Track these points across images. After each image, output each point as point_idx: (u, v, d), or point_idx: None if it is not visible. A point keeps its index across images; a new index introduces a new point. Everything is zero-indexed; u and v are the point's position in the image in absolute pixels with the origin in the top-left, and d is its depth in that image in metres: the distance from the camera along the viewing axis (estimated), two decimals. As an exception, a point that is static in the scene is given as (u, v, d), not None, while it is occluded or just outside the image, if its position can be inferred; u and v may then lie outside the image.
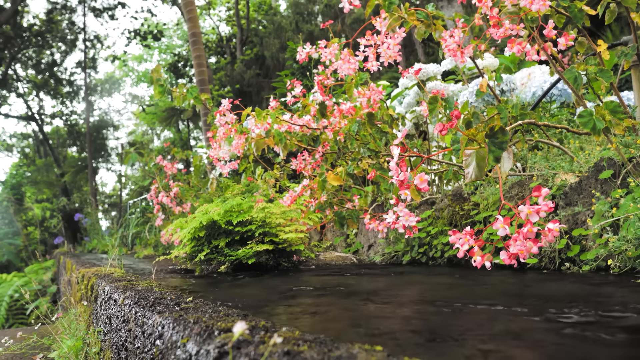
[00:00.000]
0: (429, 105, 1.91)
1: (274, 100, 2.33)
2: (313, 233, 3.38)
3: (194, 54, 6.95)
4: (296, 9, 15.57)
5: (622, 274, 1.39)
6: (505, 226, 1.04)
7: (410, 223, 1.25)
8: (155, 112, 16.34)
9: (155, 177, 4.30)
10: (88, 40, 17.07)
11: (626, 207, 1.42)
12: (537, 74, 3.08)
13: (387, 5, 1.77)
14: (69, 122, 18.79)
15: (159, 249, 4.70)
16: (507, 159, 1.12)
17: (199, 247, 2.17)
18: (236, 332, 0.56)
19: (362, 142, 2.34)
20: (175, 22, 22.83)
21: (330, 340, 0.64)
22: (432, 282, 1.53)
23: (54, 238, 11.01)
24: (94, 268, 2.45)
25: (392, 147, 1.17)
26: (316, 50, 2.13)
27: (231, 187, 3.25)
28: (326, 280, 1.68)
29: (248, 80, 14.69)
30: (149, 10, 17.10)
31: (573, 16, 1.62)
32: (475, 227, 1.97)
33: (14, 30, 14.56)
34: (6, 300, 6.82)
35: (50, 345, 2.06)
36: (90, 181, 14.22)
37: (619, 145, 1.67)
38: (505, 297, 1.16)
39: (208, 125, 6.50)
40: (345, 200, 2.26)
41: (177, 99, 2.62)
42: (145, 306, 1.07)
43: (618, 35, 6.48)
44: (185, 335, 0.78)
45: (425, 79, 3.24)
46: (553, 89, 2.76)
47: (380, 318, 0.96)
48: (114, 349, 1.31)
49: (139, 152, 12.57)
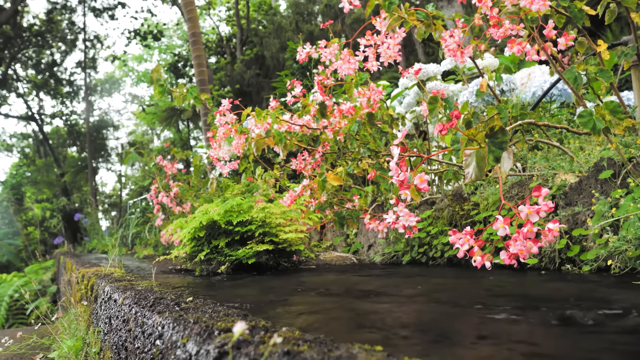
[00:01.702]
0: (429, 105, 1.91)
1: (274, 100, 2.33)
2: (313, 233, 3.38)
3: (194, 54, 6.95)
4: (296, 9, 15.57)
5: (623, 274, 1.39)
6: (505, 226, 1.04)
7: (410, 223, 1.25)
8: (155, 112, 16.34)
9: (155, 177, 4.30)
10: (88, 40, 17.07)
11: (626, 207, 1.42)
12: (537, 74, 3.08)
13: (387, 5, 1.77)
14: (69, 122, 18.79)
15: (159, 249, 4.70)
16: (507, 159, 1.12)
17: (199, 247, 2.17)
18: (236, 332, 0.56)
19: (362, 142, 2.34)
20: (175, 22, 22.83)
21: (330, 340, 0.64)
22: (432, 282, 1.53)
23: (54, 238, 11.01)
24: (94, 268, 2.45)
25: (392, 147, 1.17)
26: (316, 50, 2.13)
27: (231, 187, 3.25)
28: (326, 280, 1.68)
29: (248, 80, 14.69)
30: (149, 10, 17.11)
31: (573, 16, 1.62)
32: (475, 227, 1.97)
33: (14, 30, 14.56)
34: (6, 300, 6.82)
35: (50, 345, 2.06)
36: (90, 181, 14.22)
37: (619, 145, 1.67)
38: (505, 297, 1.16)
39: (208, 125, 6.50)
40: (345, 200, 2.25)
41: (177, 99, 2.62)
42: (145, 306, 1.07)
43: (618, 35, 6.48)
44: (185, 335, 0.78)
45: (425, 79, 3.24)
46: (553, 89, 2.76)
47: (380, 318, 0.96)
48: (114, 349, 1.31)
49: (139, 152, 12.57)
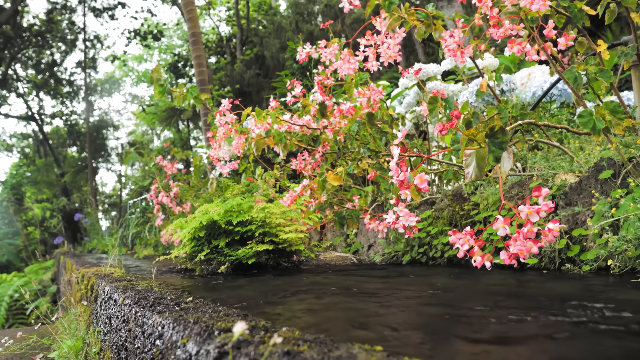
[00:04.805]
0: (429, 105, 1.91)
1: (274, 100, 2.33)
2: (313, 233, 3.38)
3: (194, 54, 6.95)
4: (296, 9, 15.57)
5: (623, 274, 1.39)
6: (505, 226, 1.04)
7: (410, 223, 1.25)
8: (155, 112, 16.34)
9: (155, 177, 4.30)
10: (88, 40, 17.07)
11: (626, 207, 1.42)
12: (537, 74, 3.08)
13: (387, 5, 1.77)
14: (69, 122, 18.79)
15: (159, 249, 4.70)
16: (507, 159, 1.12)
17: (199, 247, 2.17)
18: (236, 332, 0.56)
19: (362, 142, 2.34)
20: (175, 22, 22.84)
21: (330, 340, 0.64)
22: (432, 282, 1.53)
23: (54, 238, 11.01)
24: (94, 268, 2.45)
25: (392, 147, 1.17)
26: (316, 50, 2.13)
27: (231, 187, 3.25)
28: (326, 280, 1.68)
29: (248, 80, 14.69)
30: (149, 10, 17.11)
31: (573, 16, 1.62)
32: (475, 227, 1.97)
33: (14, 30, 14.56)
34: (6, 300, 6.82)
35: (50, 345, 2.06)
36: (90, 181, 14.21)
37: (619, 145, 1.67)
38: (505, 297, 1.16)
39: (208, 125, 6.50)
40: (345, 200, 2.25)
41: (177, 99, 2.62)
42: (145, 306, 1.07)
43: (618, 35, 6.48)
44: (185, 335, 0.78)
45: (425, 79, 3.24)
46: (553, 89, 2.76)
47: (381, 318, 0.96)
48: (114, 349, 1.31)
49: (139, 152, 12.57)
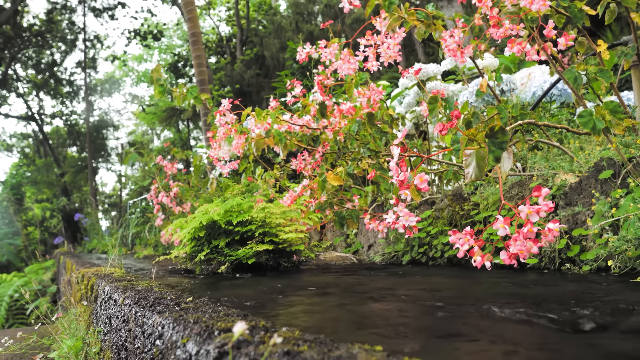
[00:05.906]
0: (429, 105, 1.91)
1: (274, 100, 2.33)
2: (313, 233, 3.38)
3: (194, 54, 6.96)
4: (296, 9, 15.57)
5: (623, 274, 1.39)
6: (505, 226, 1.04)
7: (410, 223, 1.25)
8: (155, 112, 16.34)
9: (155, 177, 4.30)
10: (88, 40, 17.07)
11: (626, 207, 1.42)
12: (537, 74, 3.08)
13: (387, 5, 1.77)
14: (69, 122, 18.79)
15: (159, 249, 4.70)
16: (507, 159, 1.12)
17: (199, 247, 2.17)
18: (236, 332, 0.56)
19: (362, 142, 2.34)
20: (175, 22, 22.84)
21: (330, 340, 0.64)
22: (432, 282, 1.53)
23: (54, 238, 11.01)
24: (94, 268, 2.45)
25: (392, 147, 1.17)
26: (316, 50, 2.13)
27: (231, 187, 3.25)
28: (326, 280, 1.68)
29: (248, 80, 14.69)
30: (149, 10, 17.11)
31: (573, 16, 1.62)
32: (475, 227, 1.97)
33: (14, 30, 14.56)
34: (6, 300, 6.82)
35: (50, 345, 2.06)
36: (90, 181, 14.21)
37: (619, 145, 1.67)
38: (505, 297, 1.16)
39: (208, 125, 6.50)
40: (345, 200, 2.25)
41: (177, 99, 2.62)
42: (145, 306, 1.07)
43: (618, 35, 6.48)
44: (185, 335, 0.78)
45: (425, 79, 3.24)
46: (553, 89, 2.76)
47: (380, 318, 0.96)
48: (114, 349, 1.31)
49: (139, 152, 12.57)
